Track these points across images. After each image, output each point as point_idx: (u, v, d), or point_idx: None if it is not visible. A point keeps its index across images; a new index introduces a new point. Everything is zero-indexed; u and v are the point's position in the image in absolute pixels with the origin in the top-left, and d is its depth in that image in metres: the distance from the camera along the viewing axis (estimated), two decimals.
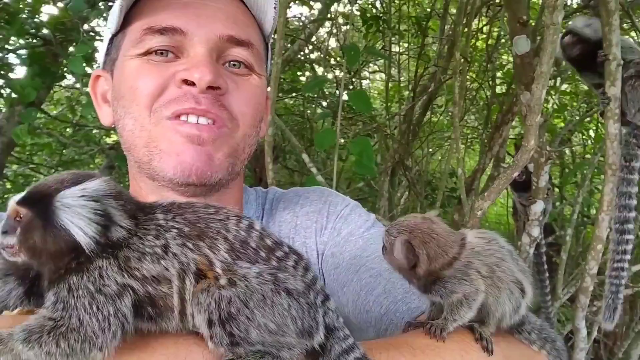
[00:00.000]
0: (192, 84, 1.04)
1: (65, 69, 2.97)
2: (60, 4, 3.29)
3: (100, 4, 3.58)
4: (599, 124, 4.75)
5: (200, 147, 1.06)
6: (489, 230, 0.99)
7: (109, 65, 1.19)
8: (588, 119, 4.90)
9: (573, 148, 5.83)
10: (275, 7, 1.18)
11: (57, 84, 3.68)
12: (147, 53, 1.08)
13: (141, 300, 0.69)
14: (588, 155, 5.22)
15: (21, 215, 0.68)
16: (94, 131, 4.92)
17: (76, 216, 0.66)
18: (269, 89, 1.70)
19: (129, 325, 0.68)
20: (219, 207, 0.79)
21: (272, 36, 1.33)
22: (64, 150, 5.17)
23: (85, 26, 3.27)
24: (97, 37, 3.25)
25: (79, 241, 0.66)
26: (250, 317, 0.67)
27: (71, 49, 2.97)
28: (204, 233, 0.72)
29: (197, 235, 0.71)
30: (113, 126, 1.19)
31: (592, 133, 5.71)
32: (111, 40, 1.18)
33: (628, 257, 2.24)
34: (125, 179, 5.31)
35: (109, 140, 5.67)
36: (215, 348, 0.69)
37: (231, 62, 1.14)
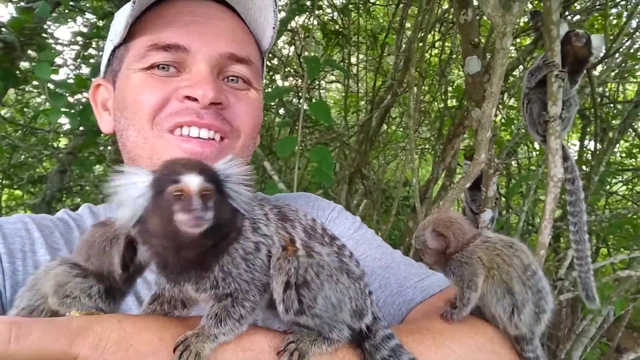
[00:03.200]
0: (195, 99, 1.09)
1: (30, 73, 2.92)
2: (15, 5, 3.25)
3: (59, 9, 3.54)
4: None
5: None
6: (524, 245, 1.06)
7: (110, 75, 1.22)
8: None
9: (519, 160, 6.14)
10: (274, 27, 1.23)
11: (20, 87, 3.60)
12: (151, 67, 1.12)
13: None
14: (533, 167, 5.51)
15: (208, 190, 0.71)
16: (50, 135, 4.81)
17: (238, 185, 0.76)
18: None
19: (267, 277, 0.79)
20: (290, 205, 0.90)
21: None
22: (13, 153, 5.03)
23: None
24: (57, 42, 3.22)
25: (240, 208, 0.77)
26: (320, 287, 0.77)
27: (31, 52, 2.94)
28: (285, 218, 0.84)
29: (280, 219, 0.83)
30: (113, 133, 1.23)
31: (537, 145, 6.05)
32: (113, 51, 1.21)
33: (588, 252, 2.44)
34: (77, 184, 5.23)
35: (61, 144, 5.55)
36: (284, 313, 0.78)
37: (230, 77, 1.18)
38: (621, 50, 4.40)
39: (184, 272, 0.76)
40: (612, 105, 5.19)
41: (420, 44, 4.40)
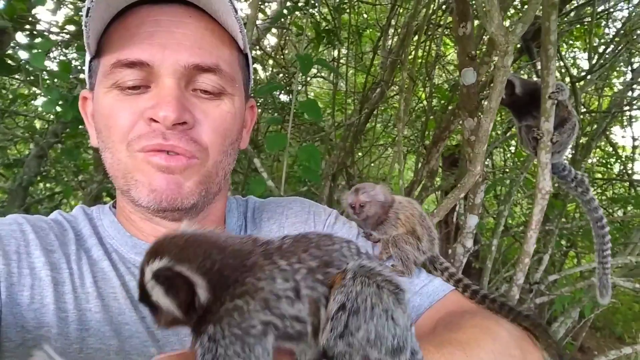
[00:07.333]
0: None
1: (23, 62, 2.86)
2: None
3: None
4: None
5: (170, 176, 1.09)
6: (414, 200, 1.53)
7: (91, 88, 1.20)
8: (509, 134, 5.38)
9: (494, 163, 6.30)
10: (240, 32, 1.17)
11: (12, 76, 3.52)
12: (117, 86, 1.10)
13: (281, 336, 0.73)
14: (507, 171, 5.66)
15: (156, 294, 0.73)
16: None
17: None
18: None
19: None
20: (331, 236, 0.83)
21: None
22: None
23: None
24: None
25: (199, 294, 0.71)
26: (368, 320, 0.71)
27: (23, 40, 2.88)
28: (331, 262, 0.77)
29: (325, 265, 0.77)
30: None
31: (512, 149, 6.22)
32: (90, 62, 1.19)
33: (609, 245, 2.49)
34: (55, 169, 5.14)
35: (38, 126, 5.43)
36: (329, 333, 0.72)
37: (199, 89, 1.14)
38: (602, 64, 4.55)
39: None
40: (587, 114, 5.36)
41: (413, 45, 4.43)
